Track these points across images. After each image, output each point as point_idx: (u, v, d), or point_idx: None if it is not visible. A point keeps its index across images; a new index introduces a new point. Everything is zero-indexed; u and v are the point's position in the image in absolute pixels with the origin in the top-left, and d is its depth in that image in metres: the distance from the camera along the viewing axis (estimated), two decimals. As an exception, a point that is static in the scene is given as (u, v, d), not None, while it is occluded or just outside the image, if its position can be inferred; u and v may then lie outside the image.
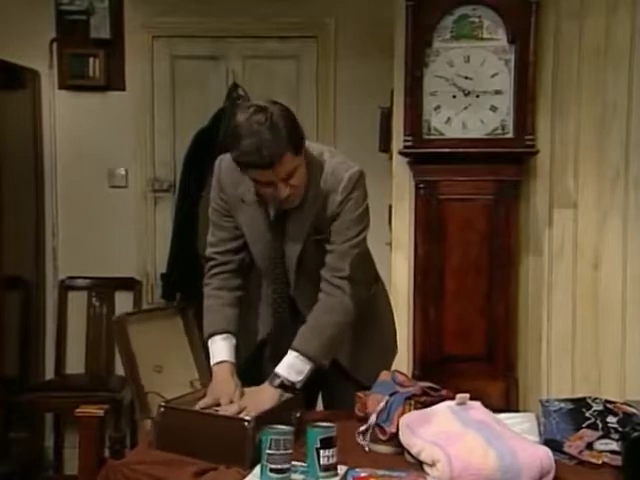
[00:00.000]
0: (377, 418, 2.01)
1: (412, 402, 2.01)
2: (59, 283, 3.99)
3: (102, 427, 1.91)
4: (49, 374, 3.95)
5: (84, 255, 3.99)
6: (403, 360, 3.00)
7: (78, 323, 3.96)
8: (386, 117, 3.46)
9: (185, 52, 3.96)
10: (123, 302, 3.94)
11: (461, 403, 1.96)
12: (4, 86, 3.52)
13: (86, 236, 3.99)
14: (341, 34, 3.86)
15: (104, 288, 3.99)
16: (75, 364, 3.94)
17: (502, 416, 2.09)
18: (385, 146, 3.54)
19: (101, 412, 1.91)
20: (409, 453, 1.93)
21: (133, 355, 2.16)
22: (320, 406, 2.49)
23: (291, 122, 2.01)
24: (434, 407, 1.99)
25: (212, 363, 2.23)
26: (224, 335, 2.24)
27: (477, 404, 2.00)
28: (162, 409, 2.03)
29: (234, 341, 2.25)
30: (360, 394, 2.20)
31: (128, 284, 4.00)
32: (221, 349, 2.24)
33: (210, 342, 2.26)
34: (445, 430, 1.87)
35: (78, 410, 1.93)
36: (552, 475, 1.76)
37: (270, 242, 2.24)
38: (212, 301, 2.31)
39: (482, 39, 2.96)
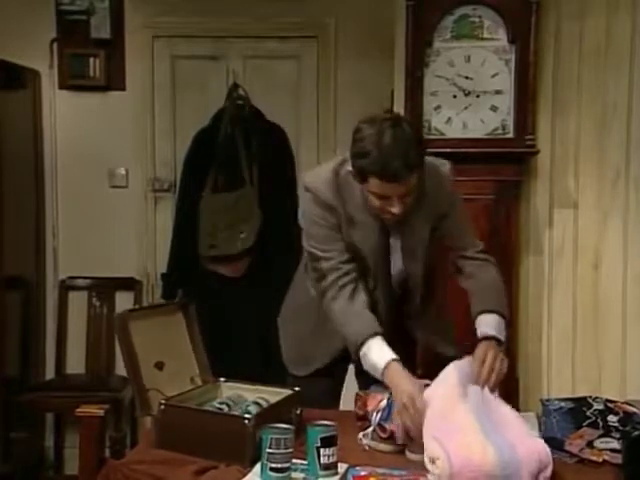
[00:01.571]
0: (377, 417, 2.02)
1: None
2: (59, 283, 3.99)
3: (102, 427, 1.91)
4: (49, 374, 3.95)
5: (84, 255, 3.99)
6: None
7: (78, 323, 3.96)
8: (387, 117, 3.46)
9: (185, 52, 3.96)
10: (123, 302, 3.94)
11: None
12: (4, 86, 3.51)
13: (86, 236, 3.99)
14: (341, 34, 3.86)
15: (104, 288, 3.99)
16: (75, 364, 3.93)
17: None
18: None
19: (101, 412, 1.91)
20: (410, 451, 1.94)
21: (134, 352, 2.17)
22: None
23: (420, 139, 2.05)
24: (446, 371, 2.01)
25: (383, 363, 2.05)
26: (379, 336, 2.10)
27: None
28: (163, 406, 2.04)
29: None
30: (360, 392, 2.21)
31: (128, 284, 4.01)
32: (385, 349, 2.08)
33: (368, 345, 2.09)
34: (446, 414, 1.87)
35: (79, 410, 1.93)
36: (550, 469, 1.76)
37: (383, 255, 2.24)
38: (353, 307, 2.16)
39: (482, 39, 2.97)
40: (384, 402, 2.04)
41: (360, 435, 2.02)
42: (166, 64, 3.95)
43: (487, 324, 2.17)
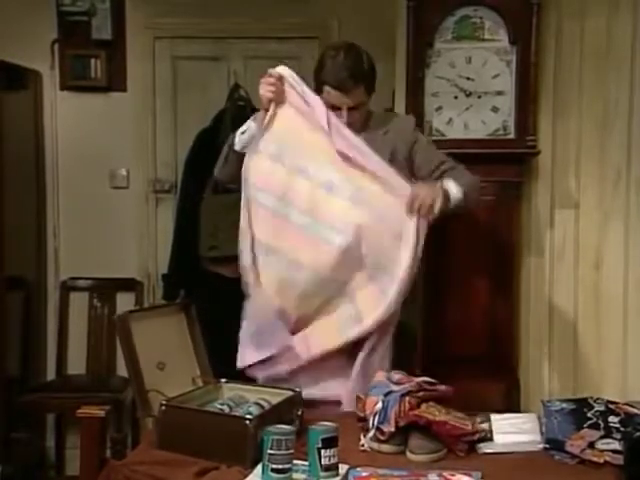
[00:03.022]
0: (375, 420, 2.02)
1: (408, 398, 2.01)
2: (60, 284, 3.99)
3: (103, 428, 1.91)
4: (50, 375, 3.96)
5: (85, 256, 3.99)
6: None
7: (79, 324, 3.96)
8: (388, 118, 3.47)
9: (186, 53, 3.96)
10: (124, 303, 3.94)
11: None
12: (6, 87, 3.51)
13: (87, 237, 3.99)
14: (343, 35, 3.85)
15: (105, 289, 4.00)
16: (76, 365, 3.94)
17: (504, 416, 2.10)
18: (387, 147, 3.54)
19: (102, 413, 1.92)
20: (410, 451, 1.94)
21: (135, 352, 2.17)
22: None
23: (372, 65, 2.49)
24: None
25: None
26: None
27: None
28: (163, 407, 2.04)
29: None
30: (360, 395, 2.21)
31: (129, 285, 4.01)
32: None
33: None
34: None
35: (80, 411, 1.93)
36: None
37: None
38: None
39: (483, 40, 2.97)
40: (379, 405, 2.05)
41: (361, 437, 2.03)
42: (167, 65, 3.96)
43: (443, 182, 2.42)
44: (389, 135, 2.55)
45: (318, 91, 2.46)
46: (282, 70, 2.46)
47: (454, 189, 2.41)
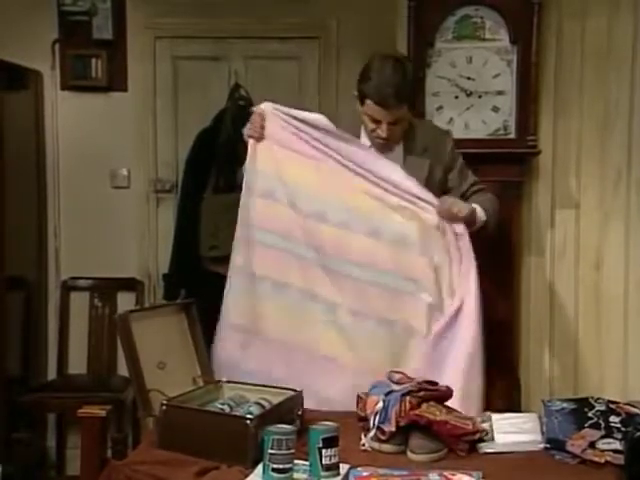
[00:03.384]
0: (375, 420, 2.02)
1: (409, 398, 2.01)
2: (61, 284, 3.99)
3: (104, 427, 1.91)
4: (51, 374, 3.95)
5: (86, 256, 3.98)
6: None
7: (80, 323, 3.95)
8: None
9: (187, 53, 3.95)
10: (125, 303, 3.94)
11: None
12: (7, 87, 3.51)
13: (88, 237, 3.99)
14: (343, 35, 3.86)
15: (106, 289, 3.99)
16: (77, 364, 3.93)
17: (504, 416, 2.10)
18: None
19: (103, 413, 1.91)
20: (411, 451, 1.94)
21: (136, 352, 2.17)
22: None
23: (415, 82, 2.49)
24: None
25: None
26: None
27: None
28: (164, 407, 2.04)
29: None
30: (361, 394, 2.21)
31: (130, 285, 4.00)
32: None
33: None
34: None
35: (81, 411, 1.93)
36: None
37: None
38: None
39: (484, 40, 2.97)
40: (380, 404, 2.05)
41: (362, 437, 2.03)
42: (168, 65, 3.95)
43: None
44: (427, 154, 2.54)
45: (361, 100, 2.47)
46: (265, 106, 2.48)
47: (480, 212, 2.45)
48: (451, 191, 2.55)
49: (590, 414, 1.98)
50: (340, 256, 2.40)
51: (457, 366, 2.30)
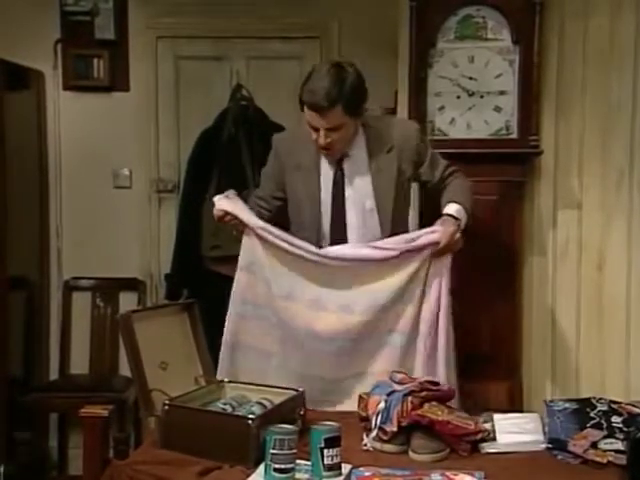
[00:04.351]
0: (377, 420, 2.02)
1: (411, 398, 2.02)
2: (63, 284, 3.99)
3: (106, 427, 1.92)
4: (53, 374, 3.95)
5: (88, 256, 3.99)
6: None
7: (82, 323, 3.96)
8: (390, 118, 3.47)
9: (189, 52, 3.96)
10: (127, 302, 3.95)
11: None
12: (9, 87, 3.51)
13: (90, 237, 3.99)
14: (345, 35, 3.86)
15: (108, 289, 3.99)
16: (79, 364, 3.94)
17: (506, 416, 2.10)
18: (389, 146, 3.54)
19: (105, 412, 1.92)
20: (413, 451, 1.94)
21: (138, 352, 2.17)
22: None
23: (357, 86, 2.37)
24: None
25: None
26: None
27: None
28: (166, 407, 2.04)
29: None
30: (363, 394, 2.21)
31: (132, 285, 4.01)
32: None
33: None
34: None
35: (83, 410, 1.94)
36: None
37: (330, 206, 2.50)
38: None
39: (486, 39, 2.97)
40: (382, 404, 2.05)
41: (363, 437, 2.03)
42: (170, 65, 3.96)
43: (450, 208, 2.45)
44: (393, 153, 2.50)
45: (301, 107, 2.42)
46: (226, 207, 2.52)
47: (462, 214, 2.43)
48: (425, 182, 2.60)
49: (592, 414, 1.99)
50: (309, 332, 2.41)
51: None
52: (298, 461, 1.79)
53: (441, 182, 2.57)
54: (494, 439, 2.01)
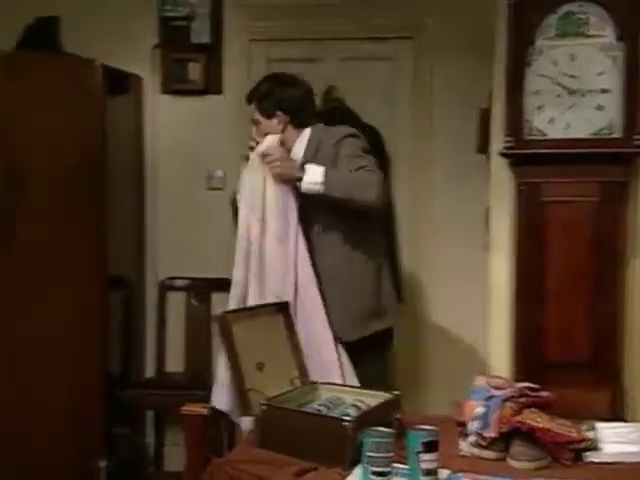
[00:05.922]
0: (475, 425, 2.00)
1: (510, 404, 1.99)
2: (159, 283, 4.11)
3: (206, 426, 1.96)
4: (150, 372, 4.08)
5: (182, 256, 4.09)
6: (504, 366, 2.97)
7: (177, 322, 4.07)
8: (484, 118, 3.43)
9: (281, 55, 4.00)
10: (220, 302, 4.02)
11: None
12: (110, 91, 3.64)
13: (184, 238, 4.09)
14: (439, 34, 3.83)
15: (201, 289, 4.09)
16: (175, 362, 4.04)
17: (610, 425, 2.05)
18: (482, 147, 3.50)
19: (206, 411, 1.96)
20: (512, 457, 1.91)
21: (236, 352, 2.22)
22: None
23: (277, 93, 2.81)
24: None
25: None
26: None
27: None
28: (264, 407, 2.08)
29: None
30: (457, 400, 2.19)
31: (224, 285, 4.04)
32: None
33: None
34: None
35: (184, 409, 1.99)
36: None
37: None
38: None
39: (588, 36, 2.88)
40: (480, 409, 2.03)
41: (459, 442, 2.01)
42: (262, 67, 4.00)
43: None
44: (316, 159, 2.73)
45: None
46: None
47: (316, 172, 2.62)
48: None
49: (703, 425, 1.92)
50: None
51: None
52: (395, 465, 1.80)
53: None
54: (597, 448, 1.97)
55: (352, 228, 2.74)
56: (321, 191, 2.61)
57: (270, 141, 2.75)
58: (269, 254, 2.69)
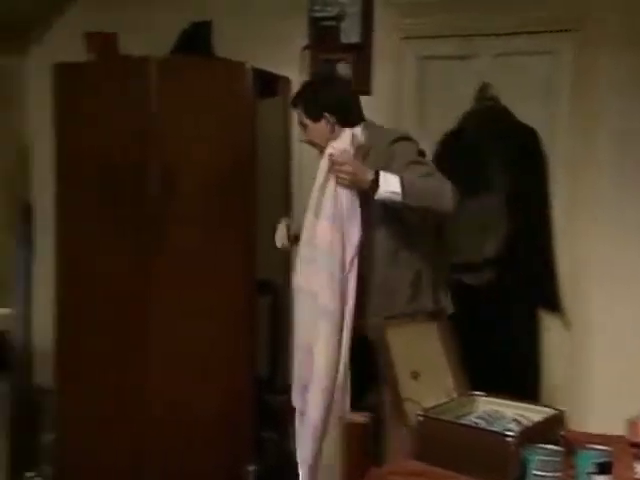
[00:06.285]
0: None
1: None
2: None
3: (366, 435, 2.01)
4: (295, 377, 4.17)
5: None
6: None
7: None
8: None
9: (432, 52, 3.99)
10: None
11: None
12: (259, 94, 3.76)
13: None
14: (605, 26, 3.71)
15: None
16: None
17: None
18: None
19: (365, 420, 2.02)
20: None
21: (392, 361, 2.27)
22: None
23: (322, 95, 2.95)
24: None
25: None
26: None
27: None
28: (421, 418, 2.11)
29: None
30: (632, 419, 2.14)
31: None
32: None
33: None
34: None
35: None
36: None
37: None
38: None
39: None
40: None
41: (636, 465, 1.97)
42: (413, 65, 4.03)
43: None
44: (368, 159, 2.83)
45: None
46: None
47: (392, 181, 2.64)
48: None
49: None
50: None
51: None
52: (563, 485, 1.79)
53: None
54: None
55: (396, 232, 2.84)
56: (398, 200, 2.65)
57: (341, 149, 2.78)
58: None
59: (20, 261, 4.52)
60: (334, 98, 2.96)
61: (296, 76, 4.11)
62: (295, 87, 4.11)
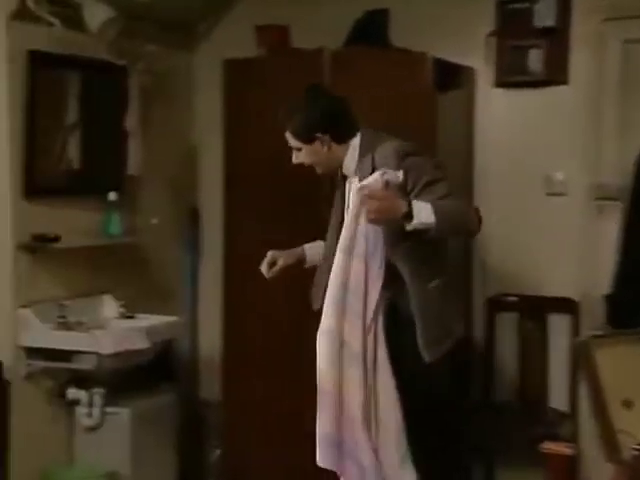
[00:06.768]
0: None
1: None
2: (487, 300, 4.05)
3: (572, 467, 1.87)
4: (474, 397, 4.01)
5: (515, 270, 4.00)
6: None
7: (508, 345, 3.99)
8: None
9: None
10: (557, 325, 3.90)
11: None
12: (441, 86, 3.65)
13: (518, 249, 4.01)
14: None
15: (535, 308, 3.95)
16: (503, 390, 3.96)
17: None
18: None
19: (571, 451, 1.87)
20: None
21: (600, 385, 2.10)
22: None
23: (309, 115, 2.86)
24: None
25: None
26: None
27: None
28: (636, 452, 1.94)
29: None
30: None
31: (563, 305, 3.92)
32: None
33: None
34: None
35: (545, 447, 1.92)
36: None
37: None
38: None
39: None
40: None
41: None
42: (617, 50, 3.78)
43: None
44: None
45: None
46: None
47: (424, 211, 2.55)
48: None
49: None
50: None
51: None
52: None
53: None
54: None
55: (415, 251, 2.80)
56: (431, 229, 2.59)
57: (373, 182, 2.64)
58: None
59: (187, 268, 4.63)
60: (322, 116, 2.87)
61: (481, 66, 3.99)
62: (481, 78, 4.02)
